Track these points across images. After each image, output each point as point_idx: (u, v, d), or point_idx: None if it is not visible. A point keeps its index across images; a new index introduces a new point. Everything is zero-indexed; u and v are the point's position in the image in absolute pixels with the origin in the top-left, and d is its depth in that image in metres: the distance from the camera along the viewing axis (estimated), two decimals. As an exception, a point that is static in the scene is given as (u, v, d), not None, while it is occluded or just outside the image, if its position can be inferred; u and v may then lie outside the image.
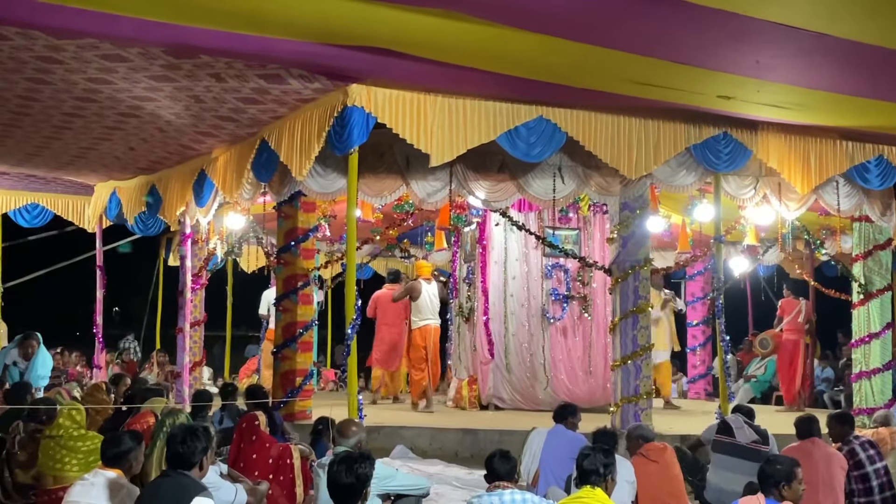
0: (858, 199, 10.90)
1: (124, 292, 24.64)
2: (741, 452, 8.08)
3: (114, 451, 5.56)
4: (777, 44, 7.20)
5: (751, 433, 8.17)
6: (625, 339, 10.17)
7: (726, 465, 8.11)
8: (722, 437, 8.27)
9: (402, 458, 9.82)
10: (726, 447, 8.19)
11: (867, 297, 11.49)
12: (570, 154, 9.88)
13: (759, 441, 8.11)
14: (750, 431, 8.18)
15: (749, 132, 9.85)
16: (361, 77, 8.28)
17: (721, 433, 8.30)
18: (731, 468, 8.05)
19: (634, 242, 10.25)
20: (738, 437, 8.16)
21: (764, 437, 8.18)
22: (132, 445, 5.64)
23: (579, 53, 7.63)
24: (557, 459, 7.78)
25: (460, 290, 13.57)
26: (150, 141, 10.73)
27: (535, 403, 12.60)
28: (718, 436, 8.30)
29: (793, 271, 15.56)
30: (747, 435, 8.15)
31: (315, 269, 11.48)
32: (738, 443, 8.13)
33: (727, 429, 8.30)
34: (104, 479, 5.44)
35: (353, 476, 4.62)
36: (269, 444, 7.96)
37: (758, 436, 8.16)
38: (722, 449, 8.22)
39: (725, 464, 8.13)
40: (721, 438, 8.27)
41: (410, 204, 11.87)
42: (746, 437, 8.14)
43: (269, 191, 10.30)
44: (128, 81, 8.49)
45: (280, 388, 10.71)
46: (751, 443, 8.10)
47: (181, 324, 12.87)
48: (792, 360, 14.03)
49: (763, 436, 8.18)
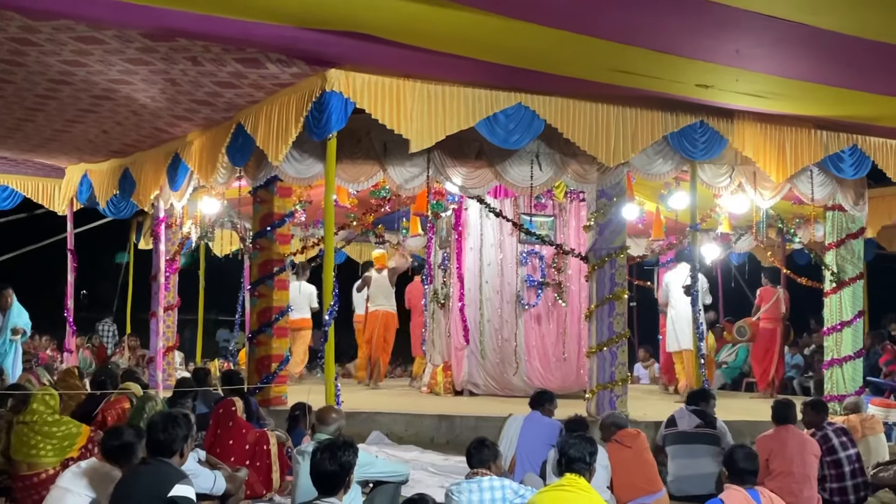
0: (832, 189, 10.99)
1: (93, 276, 24.41)
2: (689, 438, 8.25)
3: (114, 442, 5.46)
4: (758, 33, 7.23)
5: (693, 419, 8.31)
6: (601, 325, 10.21)
7: (679, 454, 8.24)
8: (669, 429, 8.42)
9: (377, 444, 9.84)
10: (675, 437, 8.33)
11: (839, 285, 11.60)
12: (547, 141, 9.90)
13: (703, 425, 8.27)
14: (693, 418, 8.33)
15: (725, 121, 9.90)
16: (340, 62, 8.23)
17: (668, 426, 8.45)
18: (684, 455, 8.20)
19: (611, 230, 10.29)
20: (681, 426, 8.31)
21: (709, 420, 8.33)
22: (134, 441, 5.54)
23: (559, 40, 7.62)
24: (534, 446, 7.83)
25: (435, 276, 13.56)
26: (125, 124, 10.60)
27: (509, 389, 12.64)
28: (667, 429, 8.45)
29: (765, 259, 15.69)
30: (690, 422, 8.30)
31: (290, 255, 11.42)
32: (684, 430, 8.28)
33: (672, 421, 8.45)
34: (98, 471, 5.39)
35: (336, 464, 4.61)
36: (245, 430, 7.95)
37: (701, 420, 8.30)
38: (672, 440, 8.34)
39: (678, 452, 8.25)
40: (669, 431, 8.42)
41: (387, 190, 11.84)
42: (689, 423, 8.29)
43: (245, 175, 10.22)
44: (103, 64, 8.38)
45: (255, 374, 10.66)
46: (694, 428, 8.25)
47: (154, 308, 12.77)
48: (769, 348, 14.13)
49: (707, 419, 8.33)
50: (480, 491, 5.58)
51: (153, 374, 12.31)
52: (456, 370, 12.90)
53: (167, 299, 13.24)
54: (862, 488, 8.10)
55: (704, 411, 8.38)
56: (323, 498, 4.62)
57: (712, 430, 8.22)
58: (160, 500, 4.77)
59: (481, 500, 5.55)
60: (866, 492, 8.17)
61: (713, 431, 8.21)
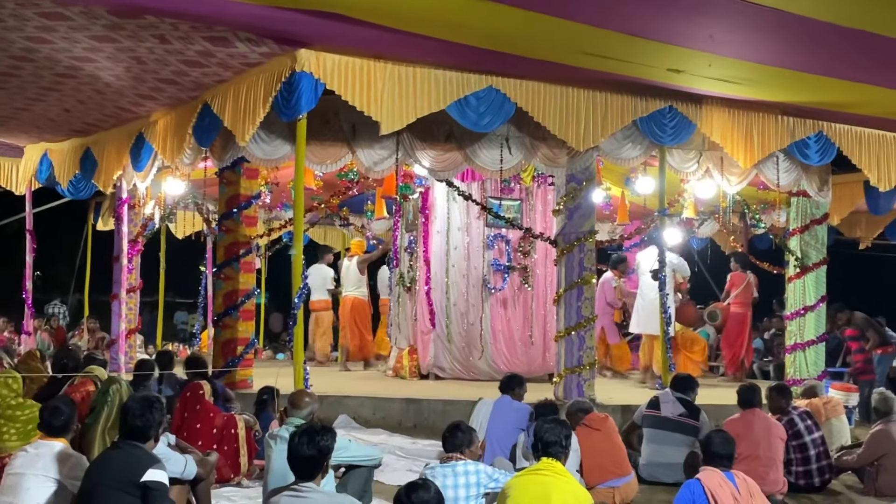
0: (797, 175, 11.09)
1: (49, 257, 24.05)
2: (669, 425, 8.23)
3: (58, 420, 5.43)
4: (732, 18, 7.24)
5: (678, 407, 8.30)
6: (569, 310, 10.24)
7: (655, 439, 8.25)
8: (651, 411, 8.40)
9: (345, 428, 9.80)
10: (654, 421, 8.32)
11: (803, 270, 11.71)
12: (517, 125, 9.87)
13: (686, 414, 8.25)
14: (677, 405, 8.31)
15: (694, 106, 9.93)
16: (311, 42, 8.12)
17: (650, 408, 8.43)
18: (660, 441, 8.20)
19: (580, 214, 10.32)
20: (664, 412, 8.29)
21: (693, 411, 8.31)
22: (71, 412, 5.53)
23: (531, 23, 7.58)
24: (503, 430, 7.85)
25: (402, 259, 13.51)
26: (87, 103, 10.39)
27: (474, 373, 12.65)
28: (648, 410, 8.43)
29: (726, 244, 15.81)
30: (674, 409, 8.29)
31: (257, 237, 11.31)
32: (666, 416, 8.26)
33: (655, 403, 8.43)
34: (51, 450, 5.31)
35: (315, 448, 4.56)
36: (213, 414, 7.88)
37: (685, 409, 8.29)
38: (650, 423, 8.34)
39: (655, 437, 8.26)
40: (650, 413, 8.40)
41: (355, 172, 11.75)
42: (673, 410, 8.28)
43: (211, 156, 10.08)
44: (67, 41, 8.20)
45: (221, 357, 10.56)
46: (678, 416, 8.24)
47: (116, 290, 12.58)
48: (740, 332, 14.24)
49: (692, 409, 8.31)
50: (455, 475, 5.57)
51: (115, 357, 12.15)
52: (422, 354, 12.87)
53: (129, 281, 13.06)
54: (826, 471, 8.20)
55: (690, 401, 8.38)
56: (300, 483, 4.57)
57: (695, 420, 8.20)
58: (133, 484, 4.71)
59: (455, 484, 5.54)
60: (830, 474, 8.28)
61: (695, 423, 8.16)
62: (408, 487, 4.23)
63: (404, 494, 4.20)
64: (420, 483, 4.23)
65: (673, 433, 8.15)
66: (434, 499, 4.16)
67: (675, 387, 8.59)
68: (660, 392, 8.73)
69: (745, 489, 5.36)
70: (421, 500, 4.14)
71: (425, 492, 4.18)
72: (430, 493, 4.19)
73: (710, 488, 5.26)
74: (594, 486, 7.20)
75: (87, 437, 7.11)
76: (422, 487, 4.19)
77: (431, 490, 4.19)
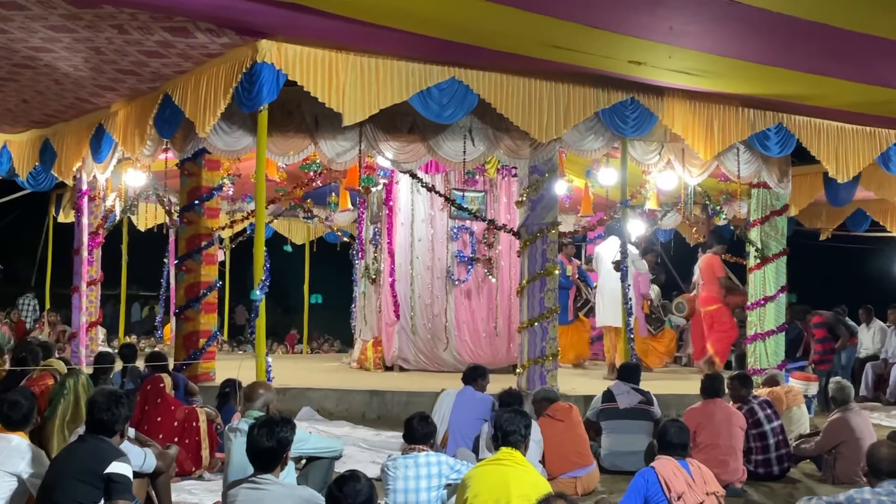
0: (757, 166, 11.17)
1: (9, 250, 23.78)
2: (627, 414, 8.31)
3: (18, 414, 5.37)
4: (692, 10, 7.28)
5: (634, 395, 8.39)
6: (532, 301, 10.28)
7: (616, 429, 8.31)
8: (608, 404, 8.46)
9: (308, 420, 9.78)
10: (612, 413, 8.38)
11: (763, 261, 11.82)
12: (480, 116, 9.87)
13: (644, 402, 8.35)
14: (633, 394, 8.41)
15: (656, 98, 9.97)
16: (272, 33, 8.06)
17: (606, 401, 8.49)
18: (621, 430, 8.27)
19: (543, 206, 10.35)
20: (621, 403, 8.36)
21: (647, 397, 8.42)
22: (31, 405, 5.48)
23: (493, 14, 7.56)
24: (466, 421, 7.86)
25: (366, 251, 13.48)
26: (46, 93, 10.26)
27: (439, 365, 12.67)
28: (604, 404, 8.48)
29: (690, 236, 15.91)
30: (631, 399, 8.37)
31: (218, 230, 11.24)
32: (625, 407, 8.34)
33: (610, 396, 8.49)
34: (9, 444, 5.24)
35: (274, 440, 4.56)
36: (174, 407, 7.85)
37: (642, 396, 8.39)
38: (609, 416, 8.40)
39: (614, 428, 8.32)
40: (607, 406, 8.46)
41: (318, 164, 11.71)
42: (630, 401, 8.36)
43: (172, 147, 10.01)
44: (24, 31, 8.09)
45: (182, 350, 10.49)
46: (637, 404, 8.33)
47: (77, 283, 12.45)
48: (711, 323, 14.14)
49: (646, 396, 8.42)
50: (417, 466, 5.59)
51: (76, 350, 12.03)
52: (386, 346, 12.87)
53: (90, 274, 12.92)
54: (785, 459, 8.30)
55: (643, 389, 8.47)
56: (259, 475, 4.56)
57: (650, 406, 8.31)
58: (97, 476, 4.68)
59: (417, 475, 5.56)
60: (789, 463, 8.38)
61: (651, 408, 8.29)
62: (338, 480, 4.18)
63: (336, 488, 4.14)
64: (349, 475, 4.18)
65: (632, 421, 8.23)
66: (365, 488, 4.12)
67: (625, 377, 8.67)
68: (611, 384, 8.78)
69: (699, 476, 5.43)
70: (353, 490, 4.10)
71: (356, 482, 4.14)
72: (360, 483, 4.13)
73: (664, 476, 5.33)
74: (556, 476, 7.25)
75: (45, 430, 7.08)
76: (352, 479, 4.15)
77: (361, 480, 4.15)
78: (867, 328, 14.45)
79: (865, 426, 8.23)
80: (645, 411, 8.26)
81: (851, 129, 11.11)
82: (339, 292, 16.97)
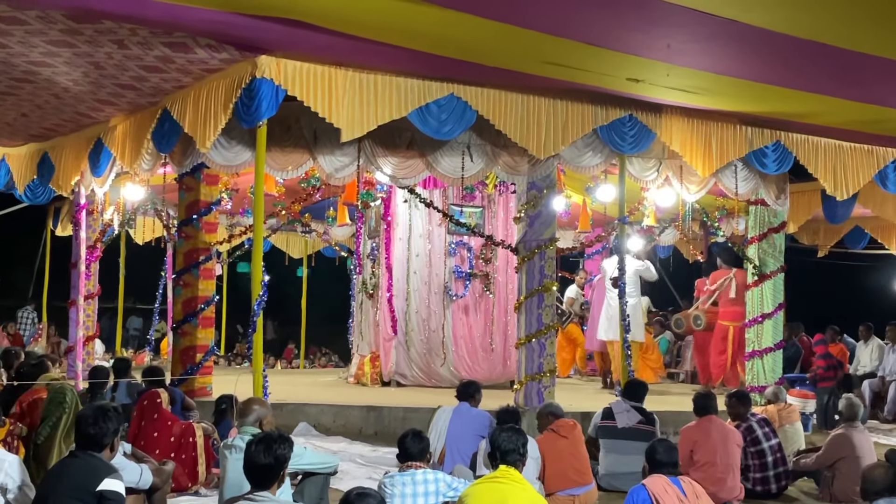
0: (755, 184, 11.17)
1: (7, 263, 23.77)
2: (627, 434, 8.28)
3: None
4: (689, 28, 7.29)
5: (634, 415, 8.36)
6: (530, 317, 10.27)
7: (614, 449, 8.29)
8: (606, 422, 8.44)
9: (305, 436, 9.77)
10: (611, 432, 8.37)
11: (761, 278, 11.83)
12: (479, 132, 9.86)
13: (644, 422, 8.33)
14: (633, 413, 8.37)
15: (654, 115, 9.97)
16: (271, 48, 8.07)
17: (605, 419, 8.47)
18: (619, 450, 8.25)
19: (541, 222, 10.36)
20: (620, 422, 8.34)
21: (648, 417, 8.39)
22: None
23: (492, 31, 7.59)
24: (463, 437, 7.85)
25: (364, 265, 13.48)
26: (45, 108, 10.27)
27: (436, 380, 12.66)
28: (603, 422, 8.47)
29: (687, 252, 15.94)
30: (630, 418, 8.34)
31: (216, 244, 11.24)
32: (624, 426, 8.32)
33: (610, 414, 8.47)
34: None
35: (271, 457, 4.53)
36: (171, 423, 7.83)
37: (642, 416, 8.36)
38: (608, 434, 8.39)
39: (613, 447, 8.30)
40: (606, 424, 8.44)
41: (317, 178, 11.71)
42: (629, 420, 8.33)
43: (171, 162, 10.00)
44: (24, 46, 8.10)
45: (179, 364, 10.48)
46: (636, 423, 8.30)
47: (74, 297, 12.44)
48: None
49: (647, 417, 8.39)
50: (414, 484, 5.57)
51: (72, 364, 12.02)
52: (384, 361, 12.86)
53: (87, 287, 12.91)
54: (783, 477, 8.31)
55: (644, 408, 8.45)
56: (256, 492, 4.55)
57: (651, 426, 8.28)
58: (89, 493, 4.66)
59: (415, 493, 5.55)
60: (787, 480, 8.39)
61: (652, 428, 8.25)
62: (357, 495, 4.20)
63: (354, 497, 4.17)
64: (362, 492, 4.20)
65: (632, 441, 8.16)
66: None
67: (628, 395, 8.65)
68: (612, 402, 8.76)
69: (691, 492, 5.43)
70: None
71: (373, 499, 4.17)
72: (375, 501, 4.18)
73: (655, 493, 5.32)
74: (555, 493, 7.23)
75: (45, 445, 7.05)
76: (367, 496, 4.17)
77: (377, 499, 4.19)
78: (865, 345, 14.45)
79: (867, 446, 8.20)
80: (644, 432, 8.18)
81: (849, 147, 11.12)
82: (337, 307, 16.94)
